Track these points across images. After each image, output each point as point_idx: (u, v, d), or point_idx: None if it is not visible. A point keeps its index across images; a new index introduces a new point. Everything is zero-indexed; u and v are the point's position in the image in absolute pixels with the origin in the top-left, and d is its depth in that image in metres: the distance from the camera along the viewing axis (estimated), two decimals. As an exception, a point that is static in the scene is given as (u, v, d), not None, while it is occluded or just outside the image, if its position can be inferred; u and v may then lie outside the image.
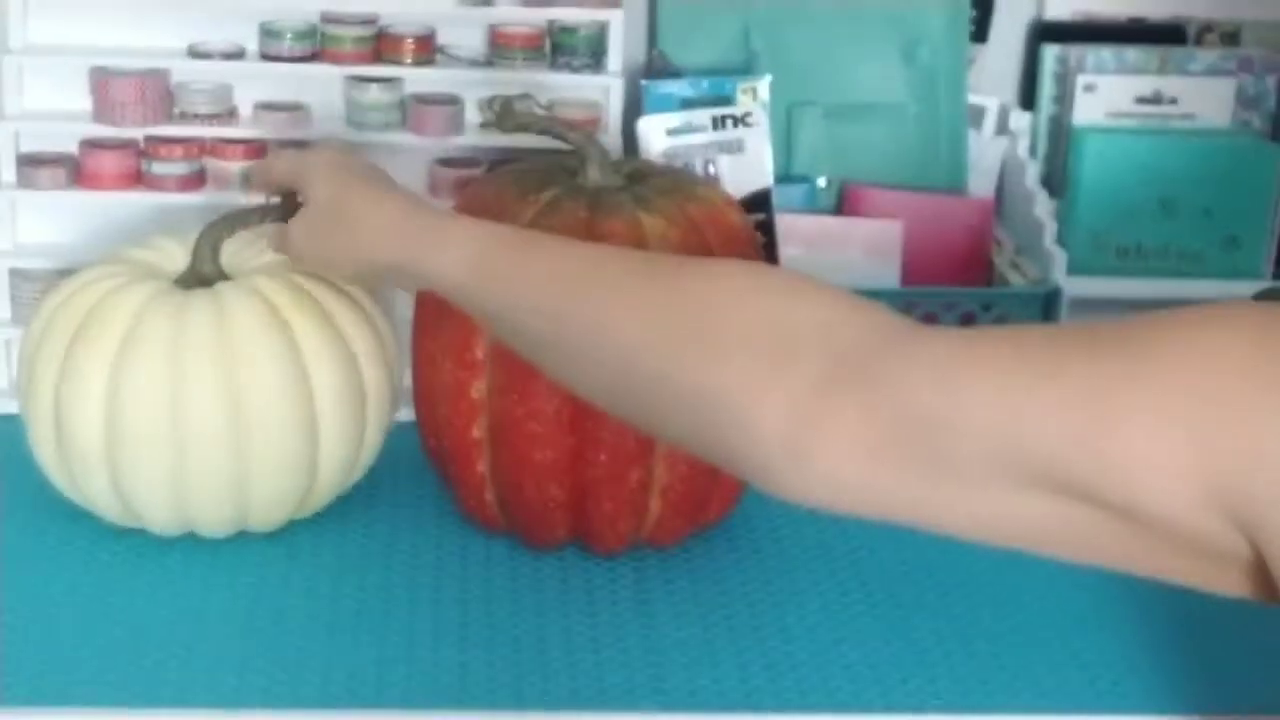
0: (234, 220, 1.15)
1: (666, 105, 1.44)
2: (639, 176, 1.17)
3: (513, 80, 1.45)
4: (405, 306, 1.17)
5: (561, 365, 0.88)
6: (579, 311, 0.84)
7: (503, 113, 1.13)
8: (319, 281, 1.15)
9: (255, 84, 1.46)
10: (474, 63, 1.47)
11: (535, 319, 0.87)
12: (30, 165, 1.42)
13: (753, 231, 1.18)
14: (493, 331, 0.95)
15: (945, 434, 0.70)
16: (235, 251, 1.18)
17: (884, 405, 0.72)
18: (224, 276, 1.17)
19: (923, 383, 0.71)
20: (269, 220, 1.11)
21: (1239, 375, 0.64)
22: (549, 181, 1.14)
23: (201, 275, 1.16)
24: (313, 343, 1.13)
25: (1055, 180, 1.55)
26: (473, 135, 1.47)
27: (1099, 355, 0.68)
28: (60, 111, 1.44)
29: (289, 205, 1.09)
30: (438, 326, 1.12)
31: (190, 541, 1.16)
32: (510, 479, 1.13)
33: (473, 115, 1.48)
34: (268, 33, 1.44)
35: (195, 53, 1.45)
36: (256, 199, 1.16)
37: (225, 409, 1.10)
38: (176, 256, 1.19)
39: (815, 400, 0.73)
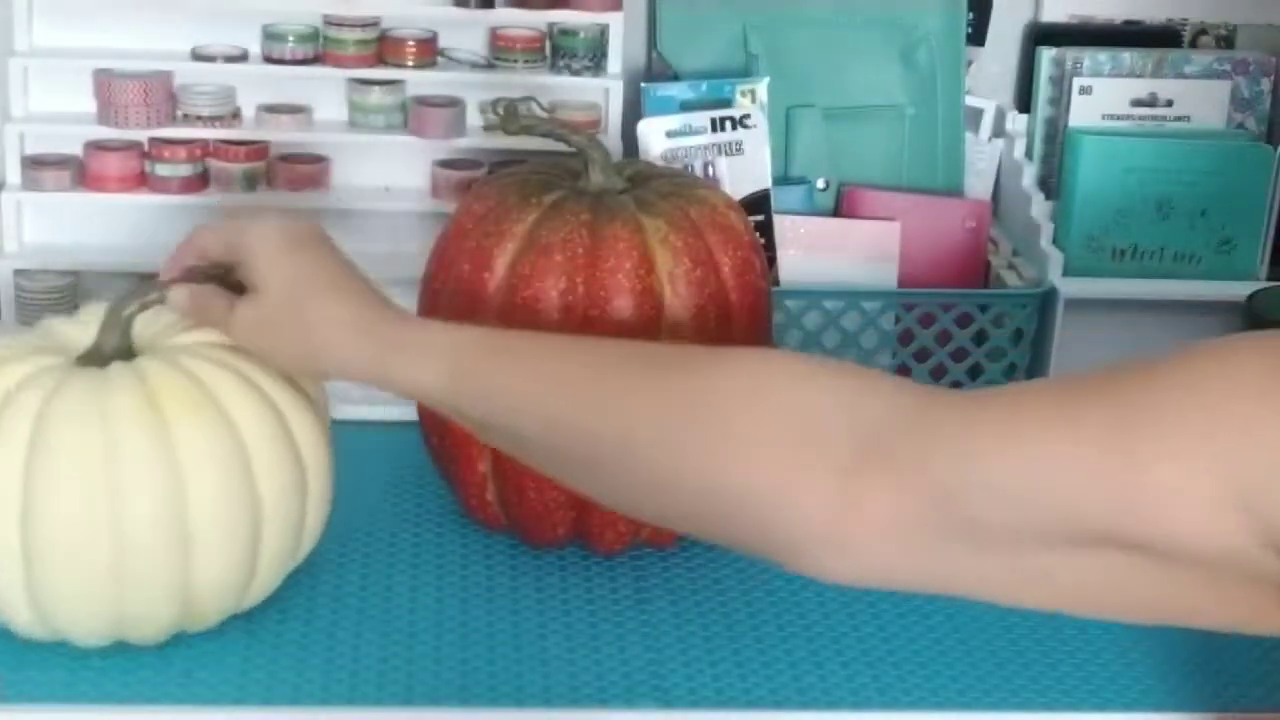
0: (146, 293, 1.02)
1: (666, 108, 1.45)
2: (641, 179, 1.18)
3: (513, 83, 1.46)
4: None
5: (561, 468, 0.85)
6: (581, 417, 0.81)
7: (507, 115, 1.13)
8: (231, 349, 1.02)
9: (258, 86, 1.47)
10: (475, 65, 1.48)
11: (530, 425, 0.84)
12: (35, 167, 1.43)
13: (754, 234, 1.18)
14: (479, 434, 0.90)
15: (972, 503, 0.71)
16: (147, 325, 1.04)
17: (912, 485, 0.72)
18: (132, 354, 1.02)
19: (944, 457, 0.72)
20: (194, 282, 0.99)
21: (1257, 400, 0.65)
22: (551, 184, 1.15)
23: (107, 353, 1.01)
24: (242, 410, 0.99)
25: (1051, 182, 1.56)
26: (474, 137, 1.48)
27: (1112, 398, 0.69)
28: (64, 114, 1.45)
29: (221, 278, 0.99)
30: (440, 328, 1.12)
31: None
32: (511, 479, 1.13)
33: (474, 117, 1.49)
34: (270, 35, 1.45)
35: (198, 55, 1.46)
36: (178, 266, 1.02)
37: (165, 505, 0.96)
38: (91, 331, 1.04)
39: (847, 487, 0.73)
